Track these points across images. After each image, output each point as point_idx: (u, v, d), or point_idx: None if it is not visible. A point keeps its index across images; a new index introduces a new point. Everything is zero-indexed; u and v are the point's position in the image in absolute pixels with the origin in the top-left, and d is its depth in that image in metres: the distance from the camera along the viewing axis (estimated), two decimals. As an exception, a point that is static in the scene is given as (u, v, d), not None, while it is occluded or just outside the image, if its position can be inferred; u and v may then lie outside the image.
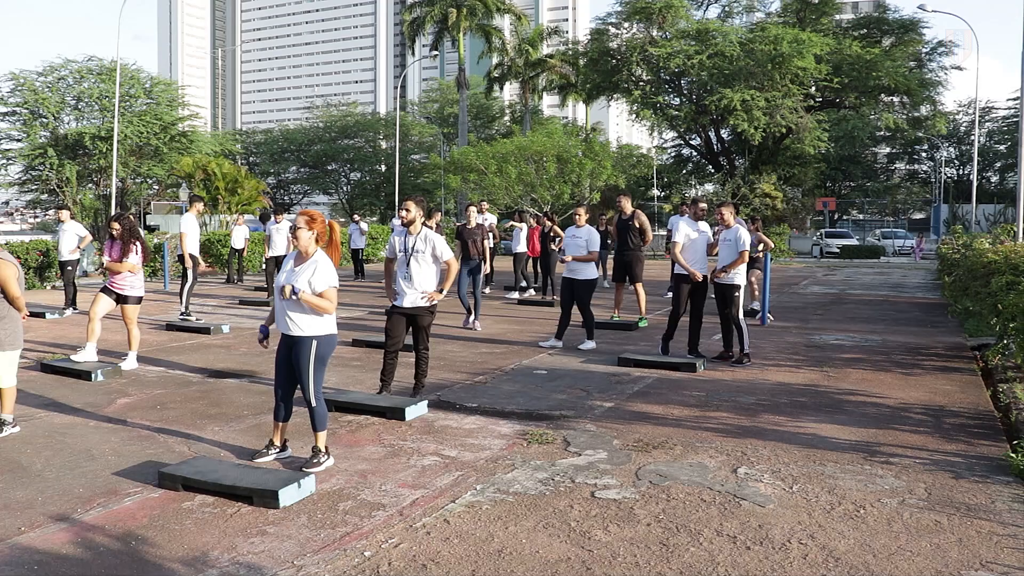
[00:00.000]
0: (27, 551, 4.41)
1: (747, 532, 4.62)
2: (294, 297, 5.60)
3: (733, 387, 8.51)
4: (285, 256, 16.35)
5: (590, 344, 10.98)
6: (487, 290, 17.57)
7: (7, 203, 45.99)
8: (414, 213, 7.88)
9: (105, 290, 9.72)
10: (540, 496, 5.22)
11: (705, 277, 10.25)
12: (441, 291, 7.90)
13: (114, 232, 9.76)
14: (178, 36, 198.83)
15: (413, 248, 7.82)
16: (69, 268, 14.82)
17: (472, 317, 12.87)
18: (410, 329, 7.95)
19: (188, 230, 13.04)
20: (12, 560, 4.30)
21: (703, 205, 10.79)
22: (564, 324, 11.12)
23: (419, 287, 7.76)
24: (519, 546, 4.44)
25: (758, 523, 4.75)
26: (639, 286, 13.24)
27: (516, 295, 17.43)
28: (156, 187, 45.30)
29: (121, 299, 9.68)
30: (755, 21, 43.60)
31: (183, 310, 13.08)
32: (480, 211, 18.18)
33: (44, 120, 40.74)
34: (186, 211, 13.73)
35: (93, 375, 8.83)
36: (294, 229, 5.76)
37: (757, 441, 6.43)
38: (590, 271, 10.95)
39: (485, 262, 13.93)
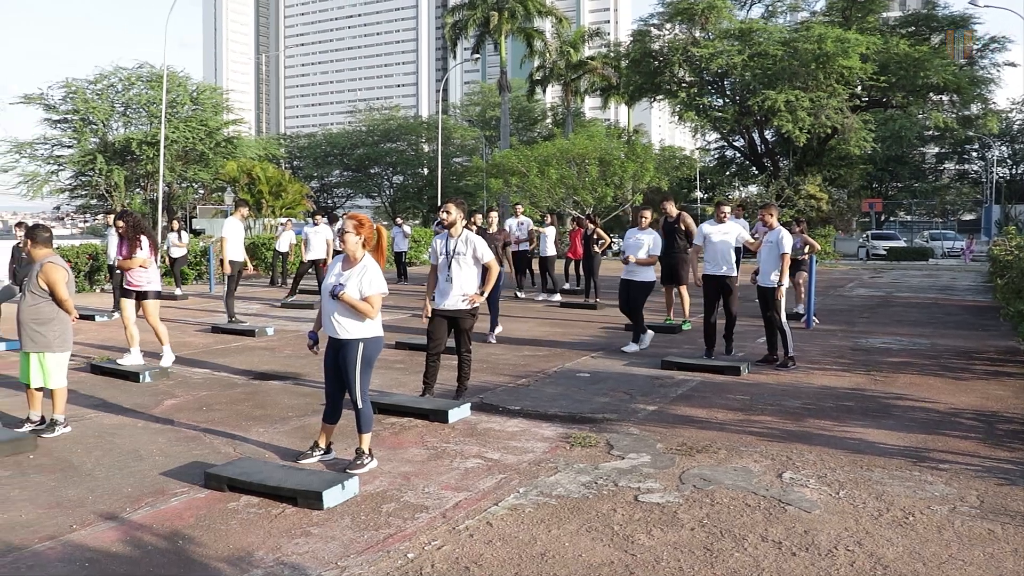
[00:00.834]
0: (79, 548, 4.48)
1: (793, 538, 4.56)
2: (340, 293, 5.62)
3: (778, 391, 8.42)
4: (320, 260, 16.56)
5: (634, 347, 10.96)
6: (519, 294, 17.39)
7: (58, 208, 46.77)
8: (455, 215, 7.88)
9: (126, 293, 9.79)
10: (583, 499, 5.20)
11: (719, 278, 10.36)
12: (482, 293, 7.90)
13: (119, 230, 9.82)
14: (223, 42, 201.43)
15: (454, 250, 7.82)
16: (118, 271, 15.04)
17: (495, 328, 12.14)
18: (452, 332, 7.96)
19: (229, 235, 13.15)
20: (64, 557, 4.38)
21: (726, 209, 10.74)
22: (637, 323, 11.18)
23: (460, 289, 7.76)
24: (562, 549, 4.43)
25: (804, 529, 4.69)
26: (683, 289, 13.17)
27: (557, 297, 17.40)
28: (202, 191, 45.91)
29: (140, 296, 9.64)
30: (799, 20, 43.14)
31: (231, 318, 13.16)
32: (515, 215, 18.14)
33: (94, 127, 41.49)
34: (230, 215, 13.81)
35: (141, 376, 8.96)
36: (341, 233, 5.79)
37: (802, 445, 6.36)
38: (649, 274, 10.92)
39: (507, 268, 13.78)
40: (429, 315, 7.87)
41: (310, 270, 17.52)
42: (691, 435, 6.68)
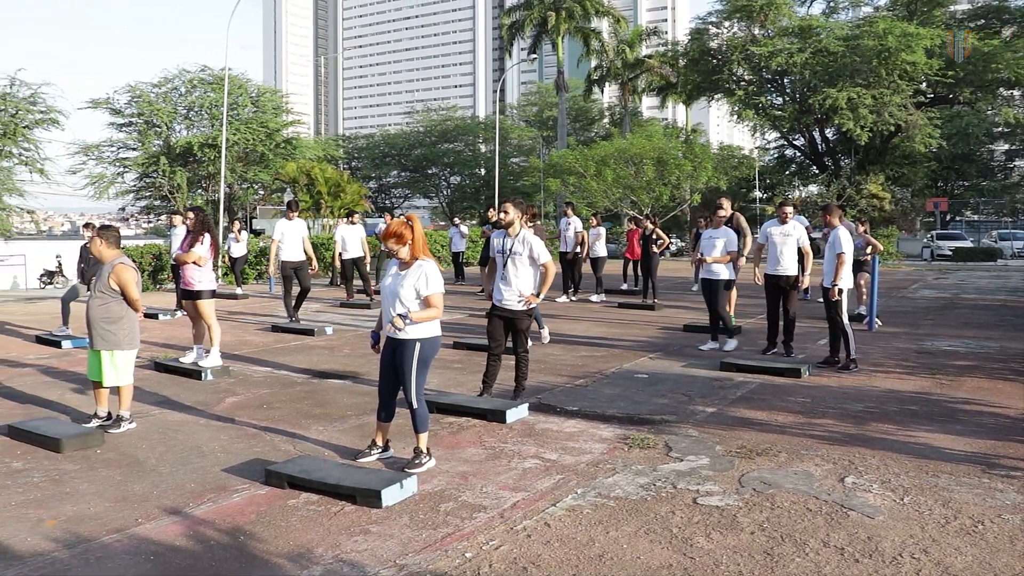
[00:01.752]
0: (144, 542, 4.58)
1: (855, 544, 4.48)
2: (406, 324, 5.66)
3: (839, 394, 8.28)
4: (359, 258, 16.62)
5: (712, 345, 11.00)
6: (567, 298, 17.25)
7: (123, 209, 47.74)
8: (512, 215, 7.88)
9: (184, 293, 9.93)
10: (641, 501, 5.17)
11: (780, 278, 10.36)
12: (538, 294, 7.88)
13: (188, 222, 9.95)
14: (282, 45, 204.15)
15: (511, 250, 7.82)
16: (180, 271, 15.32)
17: (541, 328, 11.81)
18: (509, 332, 7.97)
19: (280, 235, 13.28)
20: (131, 550, 4.48)
21: (789, 209, 10.64)
22: (716, 323, 11.23)
23: (516, 290, 7.76)
24: (620, 551, 4.41)
25: (867, 535, 4.60)
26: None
27: (595, 297, 17.26)
28: (261, 192, 46.51)
29: (193, 295, 9.69)
30: (862, 16, 42.34)
31: (289, 318, 13.33)
32: (565, 215, 18.02)
33: (157, 130, 42.28)
34: (284, 217, 13.97)
35: (203, 375, 9.13)
36: (393, 249, 5.74)
37: (865, 450, 6.24)
38: (727, 271, 10.88)
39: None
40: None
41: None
42: (751, 437, 6.61)
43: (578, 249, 17.50)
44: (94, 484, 5.56)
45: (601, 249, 18.10)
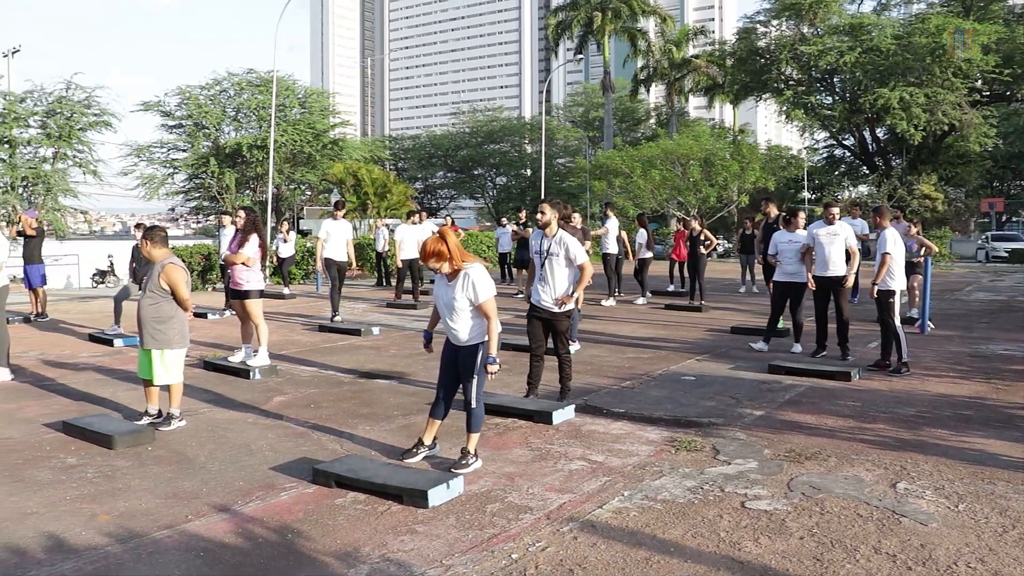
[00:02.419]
0: (194, 538, 4.64)
1: (908, 551, 4.40)
2: (494, 371, 5.74)
3: (891, 398, 8.15)
4: (414, 259, 16.68)
5: (797, 347, 10.93)
6: (612, 301, 17.07)
7: (173, 209, 48.49)
8: (549, 216, 7.87)
9: (232, 292, 10.03)
10: (688, 504, 5.13)
11: (829, 279, 10.25)
12: (572, 295, 7.82)
13: (238, 221, 10.04)
14: (329, 47, 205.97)
15: (548, 251, 7.81)
16: (228, 271, 15.52)
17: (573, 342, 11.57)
18: (549, 333, 7.93)
19: (327, 235, 13.37)
20: (181, 546, 4.53)
21: (835, 210, 10.48)
22: (775, 325, 11.19)
23: (553, 290, 7.74)
24: (667, 554, 4.37)
25: (920, 542, 4.51)
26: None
27: (611, 302, 17.05)
28: (309, 193, 46.97)
29: (242, 294, 9.77)
30: (914, 12, 41.62)
31: (334, 312, 13.48)
32: (605, 215, 17.87)
33: (207, 131, 42.89)
34: (330, 217, 14.09)
35: (251, 374, 9.22)
36: (433, 267, 5.76)
37: (918, 455, 6.13)
38: (803, 275, 10.73)
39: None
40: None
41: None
42: (800, 441, 6.52)
43: (610, 248, 17.22)
44: (145, 480, 5.65)
45: (647, 251, 17.95)
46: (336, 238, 13.45)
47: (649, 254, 17.84)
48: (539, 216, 7.91)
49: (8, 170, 33.59)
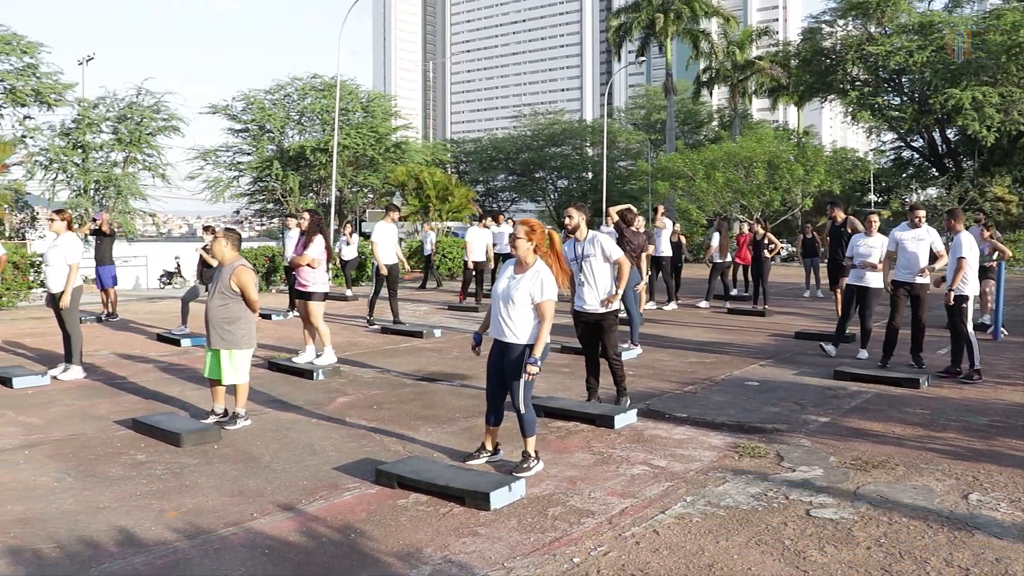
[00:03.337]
0: (259, 536, 4.71)
1: (982, 565, 4.27)
2: (534, 371, 5.70)
3: (962, 406, 7.95)
4: (481, 262, 16.76)
5: (863, 353, 10.70)
6: (673, 305, 16.88)
7: (238, 212, 49.37)
8: (577, 219, 7.84)
9: (297, 293, 10.16)
10: (752, 511, 5.06)
11: (911, 285, 9.88)
12: (617, 293, 7.73)
13: (302, 224, 10.17)
14: (391, 51, 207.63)
15: (583, 254, 7.78)
16: (294, 273, 15.72)
17: (634, 334, 11.30)
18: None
19: (379, 239, 13.48)
20: (246, 543, 4.61)
21: (921, 213, 10.15)
22: (844, 330, 10.99)
23: (595, 291, 7.69)
24: (730, 562, 4.32)
25: (995, 556, 4.39)
26: (839, 292, 12.69)
27: (672, 306, 16.82)
28: (371, 195, 47.42)
29: (305, 296, 9.95)
30: (988, 9, 40.47)
31: (369, 318, 13.66)
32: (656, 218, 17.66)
33: (271, 135, 43.57)
34: (381, 219, 14.21)
35: (315, 374, 9.34)
36: (513, 238, 5.85)
37: (991, 465, 5.96)
38: (879, 279, 10.50)
39: (643, 274, 13.01)
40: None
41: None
42: (866, 449, 6.40)
43: (663, 251, 16.95)
44: (212, 478, 5.75)
45: (719, 255, 17.64)
46: (387, 242, 13.61)
47: (724, 258, 17.59)
48: (567, 220, 7.89)
49: (81, 174, 34.51)
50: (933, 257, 9.92)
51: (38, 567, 4.31)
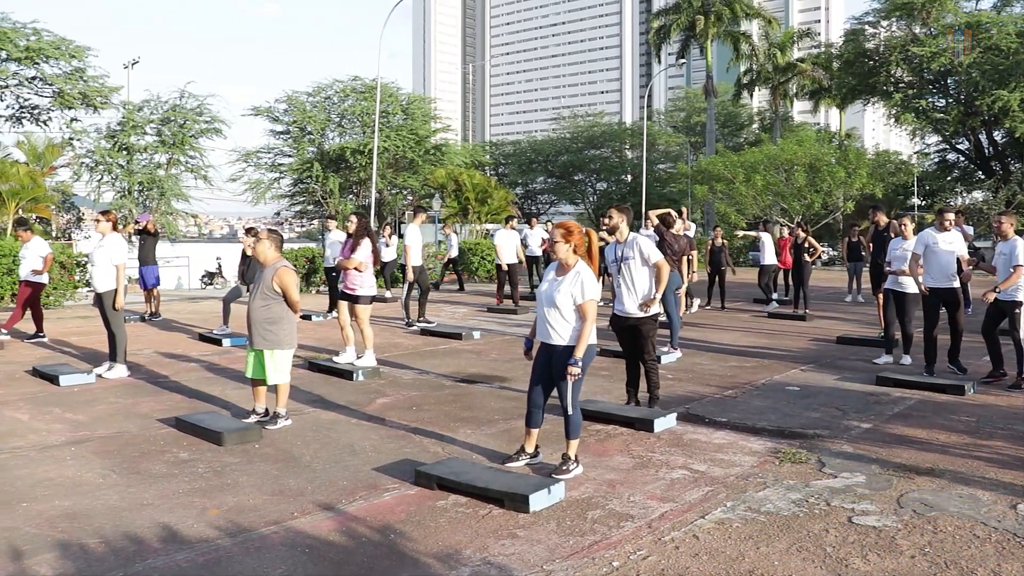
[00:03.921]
0: (299, 535, 4.74)
1: (1030, 575, 4.20)
2: (575, 372, 5.68)
3: (1010, 414, 7.80)
4: (512, 264, 16.75)
5: (907, 359, 10.57)
6: (694, 308, 16.67)
7: (278, 213, 49.87)
8: (616, 219, 7.82)
9: (342, 296, 10.24)
10: (793, 517, 5.01)
11: (944, 291, 9.65)
12: (656, 297, 7.67)
13: (349, 227, 10.24)
14: (431, 53, 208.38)
15: (622, 256, 7.74)
16: (334, 274, 15.82)
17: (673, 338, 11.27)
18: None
19: (411, 241, 13.52)
20: (287, 542, 4.65)
21: (951, 216, 9.95)
22: (892, 336, 10.82)
23: (634, 294, 7.66)
24: (771, 568, 4.28)
25: (1043, 565, 4.31)
26: (881, 297, 12.51)
27: (771, 307, 16.73)
28: (411, 197, 47.65)
29: (352, 299, 10.02)
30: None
31: (406, 319, 13.71)
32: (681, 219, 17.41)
33: (311, 137, 43.96)
34: (410, 222, 14.31)
35: (354, 375, 9.39)
36: (551, 243, 5.85)
37: (1040, 474, 5.85)
38: (914, 284, 10.30)
39: (684, 277, 12.81)
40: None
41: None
42: (910, 456, 6.31)
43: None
44: (253, 477, 5.80)
45: (770, 257, 17.41)
46: (418, 243, 13.74)
47: (770, 261, 17.38)
48: (606, 220, 7.87)
49: (126, 175, 35.05)
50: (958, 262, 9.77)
51: (85, 561, 4.37)
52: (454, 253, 22.26)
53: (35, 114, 33.73)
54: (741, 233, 28.21)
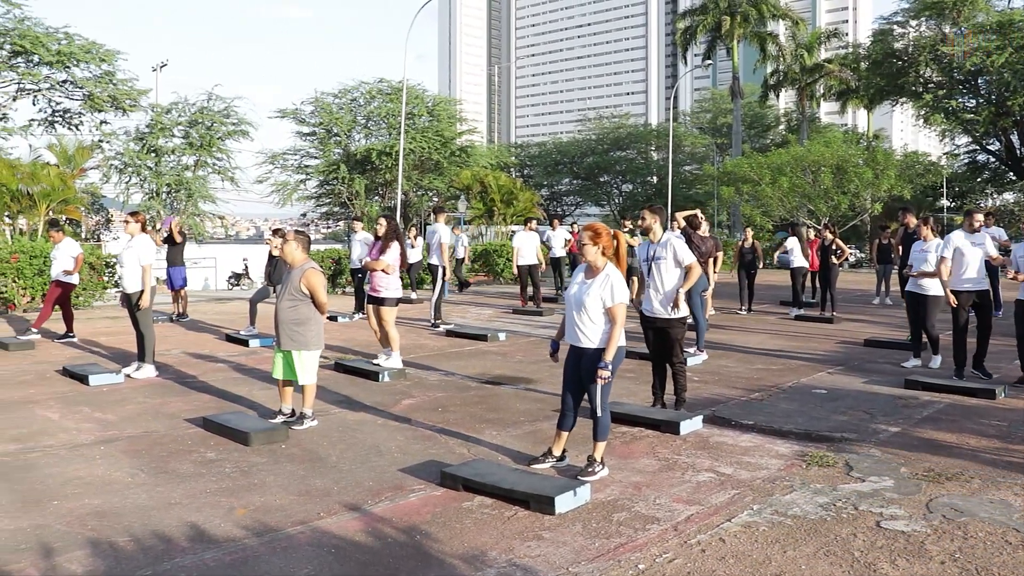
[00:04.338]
0: (325, 535, 4.76)
1: (1062, 581, 4.15)
2: (606, 376, 5.67)
3: (1041, 417, 7.72)
4: (532, 265, 16.73)
5: (936, 360, 10.40)
6: (712, 311, 16.42)
7: (304, 215, 50.16)
8: (649, 220, 7.81)
9: (369, 299, 10.27)
10: (820, 521, 4.98)
11: (976, 293, 9.55)
12: (680, 294, 7.62)
13: (379, 230, 10.28)
14: (457, 55, 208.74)
15: (655, 256, 7.72)
16: (360, 275, 15.87)
17: (699, 340, 11.20)
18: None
19: (446, 240, 13.55)
20: (313, 542, 4.67)
21: (980, 217, 9.82)
22: (919, 339, 10.70)
23: (662, 295, 7.63)
24: (798, 572, 4.25)
25: (1076, 572, 4.25)
26: None
27: (796, 311, 16.56)
28: (436, 199, 47.79)
29: (377, 301, 10.06)
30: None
31: (432, 321, 13.75)
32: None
33: (337, 138, 44.16)
34: (434, 222, 14.38)
35: (380, 376, 9.42)
36: (580, 245, 5.84)
37: (1072, 479, 5.77)
38: (937, 286, 10.16)
39: (710, 279, 12.66)
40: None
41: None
42: (939, 461, 6.24)
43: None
44: (279, 477, 5.83)
45: (800, 260, 17.20)
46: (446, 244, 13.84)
47: (800, 263, 17.17)
48: (640, 222, 7.86)
49: (154, 177, 35.36)
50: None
51: (115, 559, 4.42)
52: (461, 254, 22.32)
53: (66, 117, 34.12)
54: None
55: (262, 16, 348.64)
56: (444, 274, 14.00)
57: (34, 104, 33.38)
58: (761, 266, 17.67)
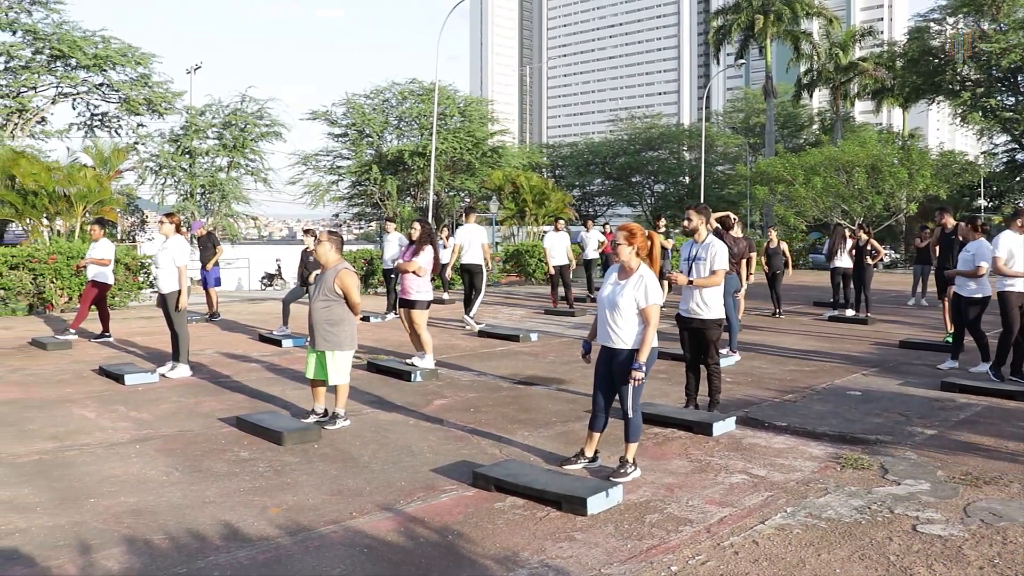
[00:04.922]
0: (358, 535, 4.78)
1: (1104, 587, 4.07)
2: (639, 377, 5.65)
3: (1081, 420, 7.59)
4: (563, 265, 16.71)
5: (983, 367, 9.96)
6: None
7: (337, 215, 50.47)
8: (695, 221, 7.75)
9: (400, 303, 10.30)
10: (855, 524, 4.92)
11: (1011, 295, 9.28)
12: (691, 281, 7.52)
13: (413, 234, 10.32)
14: (488, 56, 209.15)
15: (695, 256, 7.67)
16: (392, 276, 15.93)
17: (731, 341, 11.13)
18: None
19: (484, 239, 13.56)
20: (346, 542, 4.68)
21: None
22: (961, 341, 10.52)
23: (696, 295, 7.58)
24: (832, 575, 4.22)
25: (1118, 578, 4.18)
26: (947, 301, 12.21)
27: (833, 312, 16.36)
28: (468, 199, 47.86)
29: (408, 304, 10.05)
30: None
31: (470, 319, 13.84)
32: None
33: (369, 139, 44.38)
34: (465, 223, 14.41)
35: (412, 376, 9.45)
36: (615, 245, 5.83)
37: (1113, 484, 5.67)
38: (984, 287, 9.93)
39: (743, 280, 12.44)
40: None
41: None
42: (977, 464, 6.16)
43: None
44: (312, 476, 5.87)
45: (846, 260, 16.91)
46: (471, 243, 13.83)
47: (843, 264, 16.90)
48: (685, 223, 7.81)
49: (188, 178, 35.72)
50: None
51: (150, 556, 4.46)
52: (591, 255, 22.08)
53: (105, 121, 34.56)
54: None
55: (294, 17, 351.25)
56: (486, 276, 14.07)
57: (73, 108, 33.87)
58: (790, 270, 17.39)
